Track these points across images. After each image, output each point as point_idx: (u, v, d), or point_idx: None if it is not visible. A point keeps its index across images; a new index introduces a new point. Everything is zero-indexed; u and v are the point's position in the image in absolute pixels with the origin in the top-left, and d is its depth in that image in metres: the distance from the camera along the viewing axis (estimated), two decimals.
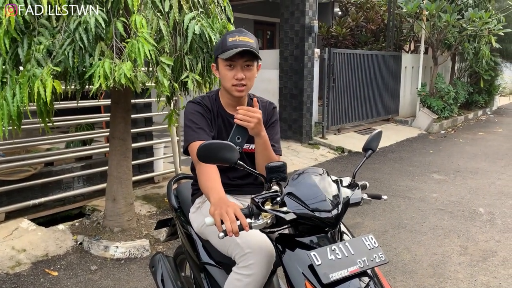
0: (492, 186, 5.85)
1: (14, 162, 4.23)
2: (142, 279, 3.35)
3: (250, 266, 1.74)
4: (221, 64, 1.93)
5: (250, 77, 1.93)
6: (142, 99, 4.99)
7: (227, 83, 1.93)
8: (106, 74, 2.70)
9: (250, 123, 1.75)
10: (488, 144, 8.88)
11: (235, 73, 1.90)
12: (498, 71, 13.51)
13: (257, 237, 1.78)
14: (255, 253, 1.74)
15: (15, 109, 2.69)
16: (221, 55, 1.89)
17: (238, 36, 1.89)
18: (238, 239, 1.80)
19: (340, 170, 6.70)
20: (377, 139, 1.86)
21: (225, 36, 1.91)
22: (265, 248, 1.75)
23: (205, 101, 2.03)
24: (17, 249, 3.62)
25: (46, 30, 2.75)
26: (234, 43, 1.86)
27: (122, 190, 3.88)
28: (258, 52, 1.92)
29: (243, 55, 1.87)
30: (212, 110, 2.02)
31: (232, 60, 1.88)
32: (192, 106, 2.01)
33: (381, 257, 1.51)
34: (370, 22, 12.00)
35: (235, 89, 1.93)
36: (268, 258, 1.75)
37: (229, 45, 1.86)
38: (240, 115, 1.75)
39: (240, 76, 1.89)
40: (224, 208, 1.51)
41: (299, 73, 8.01)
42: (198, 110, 1.98)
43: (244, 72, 1.91)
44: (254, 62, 1.93)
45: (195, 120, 1.95)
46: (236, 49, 1.83)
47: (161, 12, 2.99)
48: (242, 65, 1.89)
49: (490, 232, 4.27)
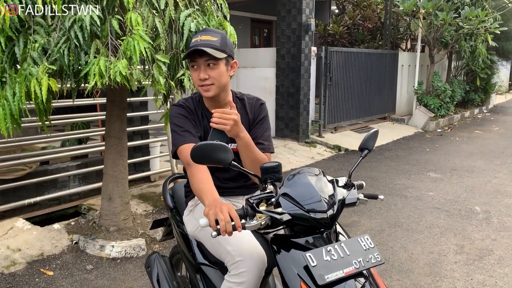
0: (488, 184, 5.86)
1: (9, 161, 4.20)
2: (138, 279, 3.33)
3: (241, 274, 1.72)
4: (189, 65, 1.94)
5: (215, 75, 1.87)
6: (138, 97, 4.96)
7: (195, 84, 1.93)
8: (102, 72, 2.68)
9: (226, 126, 1.74)
10: (484, 142, 8.90)
11: (198, 73, 1.88)
12: (495, 69, 13.52)
13: (248, 244, 1.76)
14: (245, 261, 1.73)
15: (17, 108, 2.67)
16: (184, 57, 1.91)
17: (201, 35, 1.88)
18: (229, 246, 1.79)
19: (336, 168, 6.70)
20: (373, 138, 1.85)
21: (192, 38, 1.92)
22: (256, 256, 1.74)
23: (188, 103, 2.01)
24: (12, 249, 3.60)
25: (41, 28, 2.73)
26: (194, 43, 1.85)
27: (118, 189, 3.86)
28: (223, 49, 1.87)
29: (202, 55, 1.84)
30: (196, 111, 2.01)
31: (194, 61, 1.87)
32: (175, 109, 1.99)
33: (377, 257, 1.51)
34: (367, 20, 12.00)
35: (202, 89, 1.91)
36: (259, 266, 1.73)
37: (190, 46, 1.86)
38: (215, 118, 1.73)
39: (202, 76, 1.86)
40: (219, 207, 1.50)
41: (296, 71, 7.99)
42: (181, 113, 1.97)
43: (208, 71, 1.87)
44: (218, 60, 1.87)
45: (179, 124, 1.94)
46: (189, 50, 1.83)
47: (156, 9, 2.97)
48: (204, 65, 1.86)
49: (486, 231, 4.28)
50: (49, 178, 4.50)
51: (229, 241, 1.77)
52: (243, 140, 1.84)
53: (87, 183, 4.83)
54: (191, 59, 1.87)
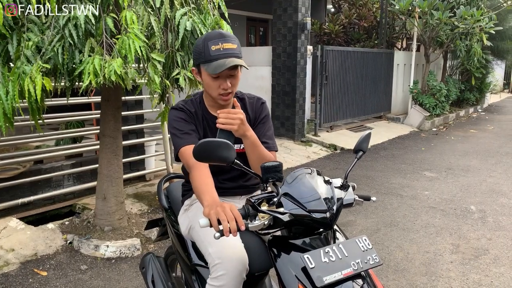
0: (483, 183, 5.88)
1: (3, 160, 4.16)
2: (133, 279, 3.31)
3: (220, 277, 1.71)
4: (204, 72, 1.83)
5: (235, 84, 1.86)
6: (133, 96, 4.93)
7: (213, 92, 1.86)
8: (96, 71, 2.65)
9: (234, 126, 1.72)
10: (479, 141, 8.93)
11: (220, 83, 1.82)
12: (489, 68, 13.58)
13: (229, 246, 1.74)
14: (224, 263, 1.71)
15: (10, 107, 2.64)
16: (206, 67, 1.78)
17: (222, 43, 1.76)
18: (210, 248, 1.77)
19: (332, 167, 6.70)
20: (367, 140, 1.86)
21: (206, 43, 1.78)
22: (235, 259, 1.72)
23: (188, 105, 1.97)
24: (5, 249, 3.57)
25: (35, 26, 2.69)
26: (218, 53, 1.75)
27: (112, 188, 3.83)
28: (241, 57, 1.83)
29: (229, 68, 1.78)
30: (196, 114, 1.97)
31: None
32: (174, 113, 1.95)
33: (375, 259, 1.50)
34: (363, 19, 12.01)
35: (221, 98, 1.86)
36: (238, 269, 1.71)
37: (213, 56, 1.75)
38: (222, 119, 1.71)
39: (227, 87, 1.82)
40: (220, 206, 1.47)
41: (291, 70, 7.98)
42: (180, 116, 1.92)
43: (230, 80, 1.83)
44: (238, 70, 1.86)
45: (178, 127, 1.90)
46: (224, 66, 1.74)
47: (152, 8, 2.95)
48: (227, 75, 1.81)
49: (482, 230, 4.29)
50: (43, 177, 4.46)
51: (212, 242, 1.76)
52: (250, 138, 1.81)
53: (82, 183, 4.79)
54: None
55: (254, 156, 1.86)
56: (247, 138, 1.81)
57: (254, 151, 1.85)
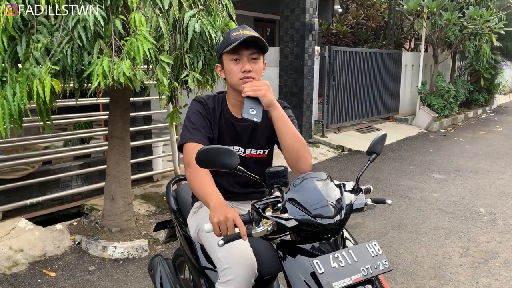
0: (492, 186, 5.82)
1: (12, 161, 4.19)
2: (140, 280, 3.31)
3: (228, 282, 1.71)
4: (226, 60, 1.86)
5: (257, 70, 1.85)
6: (141, 97, 4.94)
7: (234, 77, 1.84)
8: (105, 72, 2.65)
9: (261, 90, 1.71)
10: (488, 143, 8.85)
11: (241, 66, 1.82)
12: (499, 69, 13.44)
13: (238, 251, 1.74)
14: (233, 268, 1.71)
15: (16, 108, 2.65)
16: (227, 51, 1.81)
17: (242, 30, 1.83)
18: (219, 252, 1.77)
19: (340, 169, 6.67)
20: (381, 142, 1.82)
21: (228, 33, 1.86)
22: (244, 264, 1.72)
23: (209, 101, 1.96)
24: (14, 249, 3.59)
25: (44, 28, 2.70)
26: (238, 36, 1.79)
27: (120, 189, 3.84)
28: (266, 44, 1.84)
29: (248, 47, 1.81)
30: (214, 110, 1.94)
31: (238, 53, 1.81)
32: (194, 105, 1.94)
33: (385, 264, 1.48)
34: (371, 19, 11.95)
35: (243, 83, 1.82)
36: (247, 274, 1.71)
37: (233, 39, 1.80)
38: (247, 87, 1.71)
39: (248, 68, 1.81)
40: (224, 215, 1.48)
41: (299, 71, 7.96)
42: (198, 110, 1.92)
43: (251, 64, 1.83)
44: (260, 55, 1.86)
45: (192, 120, 1.89)
46: (242, 37, 1.77)
47: (160, 9, 2.95)
48: (248, 58, 1.82)
49: (491, 233, 4.25)
50: (52, 178, 4.48)
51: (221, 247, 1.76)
52: (279, 110, 1.77)
53: (90, 183, 4.81)
54: (234, 52, 1.81)
55: (287, 132, 1.79)
56: (275, 109, 1.77)
57: (286, 125, 1.79)
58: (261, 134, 1.97)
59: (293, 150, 1.80)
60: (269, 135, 1.96)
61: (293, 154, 1.81)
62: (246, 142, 1.96)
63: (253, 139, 1.97)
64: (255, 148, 1.96)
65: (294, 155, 1.81)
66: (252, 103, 1.70)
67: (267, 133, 1.97)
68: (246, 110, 1.67)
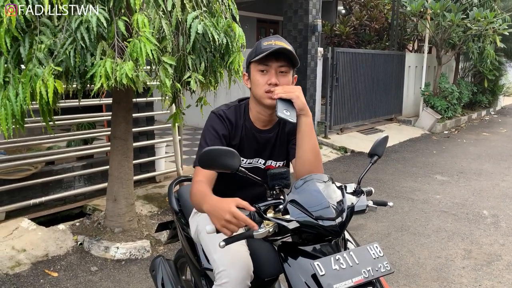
0: (496, 188, 5.80)
1: (15, 161, 4.20)
2: (142, 281, 3.32)
3: (224, 285, 1.70)
4: (253, 70, 1.79)
5: (284, 84, 1.75)
6: (144, 98, 4.95)
7: (259, 89, 1.76)
8: (108, 73, 2.66)
9: (295, 92, 1.67)
10: (492, 144, 8.82)
11: (268, 78, 1.74)
12: (503, 71, 13.41)
13: (233, 253, 1.73)
14: (228, 271, 1.70)
15: (19, 109, 2.66)
16: (255, 60, 1.74)
17: (274, 41, 1.75)
18: (215, 254, 1.77)
19: (342, 170, 6.66)
20: (383, 144, 1.81)
21: (260, 41, 1.79)
22: (239, 266, 1.71)
23: (230, 112, 1.87)
24: (17, 249, 3.60)
25: (47, 29, 2.71)
26: (269, 46, 1.72)
27: (123, 190, 3.85)
28: (297, 58, 1.77)
29: (278, 59, 1.73)
30: (236, 122, 1.86)
31: (266, 64, 1.74)
32: (213, 120, 1.85)
33: (386, 266, 1.48)
34: (374, 21, 11.95)
35: (267, 96, 1.75)
36: (242, 276, 1.70)
37: (263, 49, 1.72)
38: (279, 90, 1.67)
39: (274, 81, 1.73)
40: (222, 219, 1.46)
41: (302, 72, 7.96)
42: (216, 128, 1.82)
43: (279, 78, 1.75)
44: (290, 69, 1.78)
45: (208, 141, 1.81)
46: (271, 48, 1.70)
47: (163, 11, 2.95)
48: (276, 70, 1.75)
49: (495, 235, 4.23)
50: (55, 179, 4.49)
51: (217, 249, 1.74)
52: (309, 117, 1.73)
53: (92, 184, 4.82)
54: (262, 63, 1.74)
55: (310, 144, 1.75)
56: (306, 115, 1.73)
57: (311, 137, 1.75)
58: (281, 145, 1.93)
59: (308, 164, 1.75)
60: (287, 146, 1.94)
61: (306, 168, 1.74)
62: (267, 154, 1.92)
63: (274, 150, 1.92)
64: (275, 160, 1.93)
65: (307, 168, 1.74)
66: (285, 104, 1.66)
67: (285, 144, 1.93)
68: (281, 110, 1.63)
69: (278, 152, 1.93)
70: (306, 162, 1.75)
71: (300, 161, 1.77)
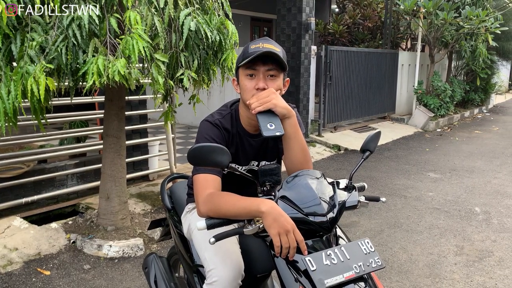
0: (488, 185, 5.84)
1: (7, 159, 4.17)
2: (135, 279, 3.31)
3: (214, 283, 1.70)
4: (241, 74, 1.71)
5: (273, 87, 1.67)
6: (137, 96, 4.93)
7: (247, 94, 1.69)
8: (100, 71, 2.65)
9: (271, 99, 1.58)
10: (484, 142, 8.88)
11: (256, 83, 1.67)
12: (495, 69, 13.48)
13: (224, 252, 1.73)
14: (218, 270, 1.70)
15: (11, 106, 2.64)
16: (243, 64, 1.67)
17: (262, 43, 1.67)
18: (206, 252, 1.76)
19: (336, 168, 6.68)
20: (375, 140, 1.81)
21: (248, 45, 1.72)
22: (230, 265, 1.70)
23: (224, 121, 1.80)
24: (9, 248, 3.58)
25: (39, 26, 2.69)
26: (256, 50, 1.64)
27: (116, 188, 3.84)
28: (285, 61, 1.69)
29: (265, 62, 1.65)
30: (231, 130, 1.81)
31: (254, 68, 1.67)
32: (208, 127, 1.76)
33: (377, 262, 1.48)
34: (367, 19, 11.98)
35: None
36: (232, 275, 1.70)
37: (251, 52, 1.65)
38: (255, 103, 1.57)
39: (262, 85, 1.66)
40: (284, 229, 1.42)
41: (295, 70, 7.96)
42: (211, 136, 1.74)
43: (267, 82, 1.67)
44: (279, 73, 1.70)
45: None
46: (259, 51, 1.62)
47: (156, 8, 2.94)
48: (264, 74, 1.67)
49: (486, 232, 4.26)
50: (47, 177, 4.47)
51: (207, 247, 1.74)
52: (293, 118, 1.66)
53: (85, 182, 4.80)
54: (249, 67, 1.67)
55: (297, 144, 1.71)
56: (290, 117, 1.65)
57: (297, 137, 1.70)
58: (273, 145, 1.92)
59: (298, 163, 1.73)
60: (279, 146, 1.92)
61: (297, 166, 1.72)
62: (261, 156, 1.90)
63: (267, 152, 1.91)
64: (268, 160, 1.92)
65: (297, 167, 1.72)
66: (267, 117, 1.56)
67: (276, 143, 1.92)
68: (265, 127, 1.53)
69: (270, 153, 1.93)
70: (295, 162, 1.74)
71: (289, 161, 1.76)
